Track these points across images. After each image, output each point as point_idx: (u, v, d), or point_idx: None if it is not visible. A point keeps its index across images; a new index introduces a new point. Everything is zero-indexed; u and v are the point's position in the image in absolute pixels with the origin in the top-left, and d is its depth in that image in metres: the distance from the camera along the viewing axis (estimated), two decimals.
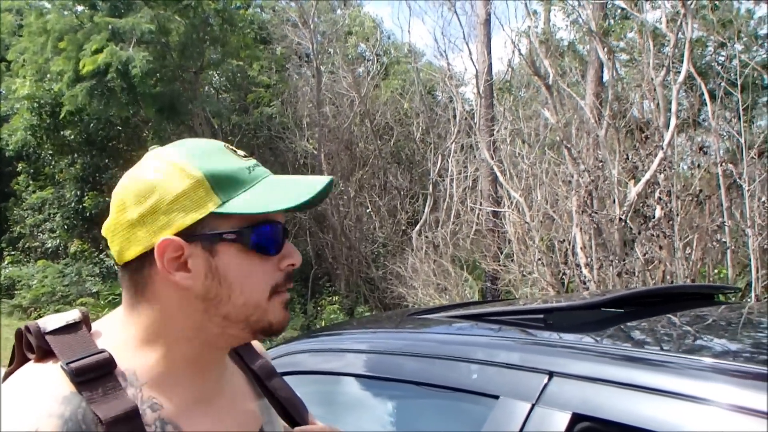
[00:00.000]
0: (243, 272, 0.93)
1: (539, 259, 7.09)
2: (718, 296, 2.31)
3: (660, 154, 6.13)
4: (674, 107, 6.48)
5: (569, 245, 6.82)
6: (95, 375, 0.86)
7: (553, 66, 8.66)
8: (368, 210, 13.73)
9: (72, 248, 14.64)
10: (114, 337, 0.93)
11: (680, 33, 6.89)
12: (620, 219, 6.16)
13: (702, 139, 8.89)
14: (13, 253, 15.93)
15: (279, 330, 0.97)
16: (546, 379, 1.19)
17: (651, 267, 5.95)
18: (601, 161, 6.74)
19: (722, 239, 5.92)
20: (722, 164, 6.22)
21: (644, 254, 5.84)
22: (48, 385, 0.85)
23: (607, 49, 8.46)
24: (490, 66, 12.03)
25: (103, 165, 14.79)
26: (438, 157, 12.83)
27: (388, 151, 14.69)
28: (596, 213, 6.30)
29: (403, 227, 13.15)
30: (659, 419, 1.03)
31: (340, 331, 1.98)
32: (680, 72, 6.78)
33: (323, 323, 11.23)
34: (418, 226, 11.68)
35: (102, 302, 12.18)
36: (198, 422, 0.93)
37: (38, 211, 15.79)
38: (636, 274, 5.80)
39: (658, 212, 5.94)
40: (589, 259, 6.35)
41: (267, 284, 0.95)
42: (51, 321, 0.92)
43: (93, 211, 14.01)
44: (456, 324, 1.74)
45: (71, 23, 12.17)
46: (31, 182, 16.01)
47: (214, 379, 1.00)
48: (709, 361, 1.13)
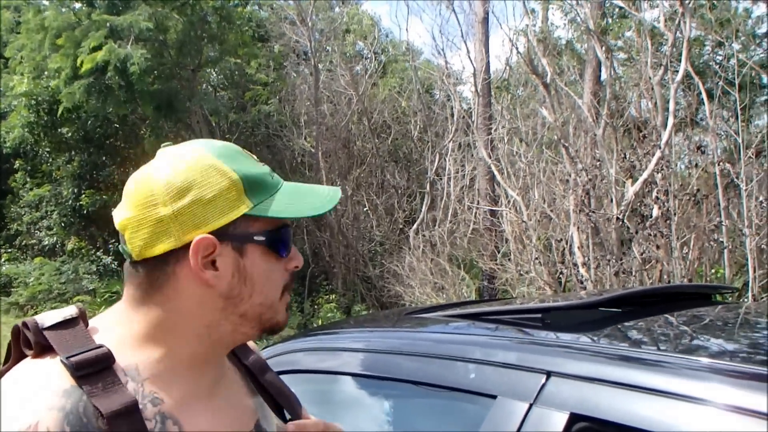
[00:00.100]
0: (265, 273, 0.97)
1: (536, 258, 7.09)
2: (716, 296, 2.31)
3: (657, 154, 6.12)
4: (672, 106, 6.48)
5: (566, 244, 6.82)
6: (95, 369, 0.87)
7: (551, 65, 8.66)
8: (365, 208, 13.72)
9: (69, 246, 14.61)
10: (113, 333, 0.94)
11: (678, 32, 6.88)
12: (617, 218, 6.16)
13: (700, 139, 8.91)
14: (10, 251, 15.89)
15: (282, 329, 1.03)
16: (544, 379, 1.19)
17: (648, 266, 5.95)
18: (599, 160, 6.74)
19: (719, 239, 5.91)
20: (720, 164, 6.21)
21: (641, 254, 5.84)
22: (48, 379, 0.86)
23: (605, 48, 8.46)
24: (488, 64, 12.04)
25: (101, 162, 14.75)
26: (435, 156, 12.83)
27: (386, 150, 14.70)
28: (593, 212, 6.29)
29: (401, 226, 13.15)
30: (657, 419, 1.02)
31: (337, 330, 1.98)
32: (678, 71, 6.78)
33: (320, 322, 11.22)
34: (416, 225, 11.68)
35: (99, 300, 12.15)
36: (197, 417, 0.94)
37: (35, 209, 15.76)
38: (633, 274, 5.80)
39: (656, 212, 5.94)
40: (587, 259, 6.35)
41: (280, 285, 1.00)
42: (48, 317, 0.93)
43: (90, 209, 13.99)
44: (453, 323, 1.74)
45: (69, 20, 12.12)
46: (29, 179, 15.97)
47: (213, 376, 1.01)
48: (707, 361, 1.13)
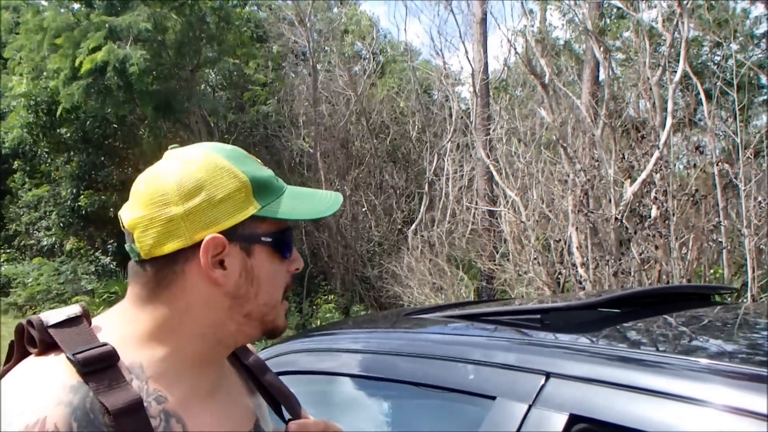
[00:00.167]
0: (270, 273, 0.99)
1: (535, 259, 7.08)
2: (715, 296, 2.31)
3: (656, 154, 6.13)
4: (670, 107, 6.48)
5: (565, 245, 6.82)
6: (100, 367, 0.88)
7: (549, 65, 8.66)
8: (364, 209, 13.72)
9: (67, 246, 14.61)
10: (117, 332, 0.95)
11: (676, 32, 6.89)
12: (616, 218, 6.16)
13: (698, 139, 8.91)
14: (9, 251, 15.89)
15: (280, 333, 1.05)
16: (543, 380, 1.19)
17: (647, 267, 5.95)
18: (597, 160, 6.74)
19: (718, 239, 5.92)
20: (718, 164, 6.21)
21: (640, 254, 5.84)
22: (55, 375, 0.87)
23: (603, 49, 8.46)
24: (486, 65, 12.05)
25: (99, 163, 14.74)
26: (434, 156, 12.83)
27: (384, 150, 14.69)
28: (592, 212, 6.30)
29: (399, 226, 13.14)
30: (656, 420, 1.02)
31: (336, 331, 1.97)
32: (676, 71, 6.78)
33: (319, 322, 11.21)
34: (414, 225, 11.67)
35: (97, 300, 12.13)
36: (199, 416, 0.96)
37: (34, 209, 15.75)
38: (632, 274, 5.80)
39: (654, 212, 5.94)
40: (585, 259, 6.35)
41: (282, 286, 1.02)
42: (53, 315, 0.94)
43: (89, 209, 13.98)
44: (452, 324, 1.74)
45: (68, 21, 12.14)
46: (27, 180, 15.97)
47: (214, 376, 1.03)
48: (706, 362, 1.13)
